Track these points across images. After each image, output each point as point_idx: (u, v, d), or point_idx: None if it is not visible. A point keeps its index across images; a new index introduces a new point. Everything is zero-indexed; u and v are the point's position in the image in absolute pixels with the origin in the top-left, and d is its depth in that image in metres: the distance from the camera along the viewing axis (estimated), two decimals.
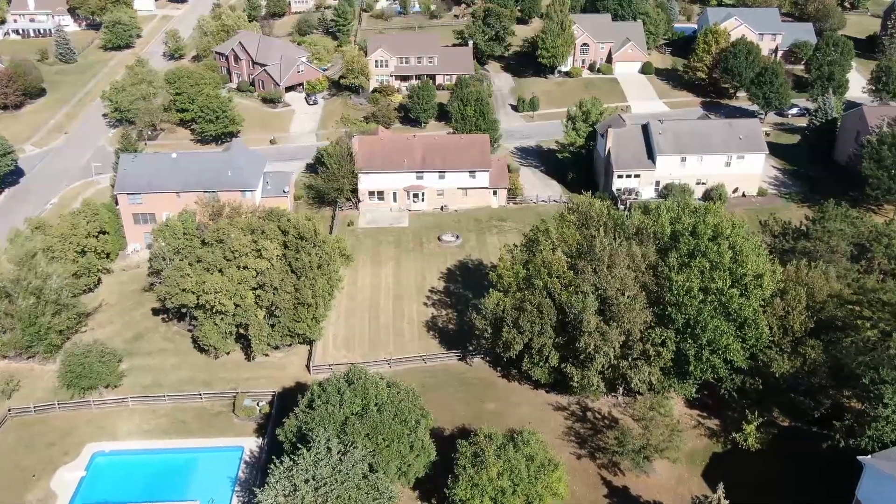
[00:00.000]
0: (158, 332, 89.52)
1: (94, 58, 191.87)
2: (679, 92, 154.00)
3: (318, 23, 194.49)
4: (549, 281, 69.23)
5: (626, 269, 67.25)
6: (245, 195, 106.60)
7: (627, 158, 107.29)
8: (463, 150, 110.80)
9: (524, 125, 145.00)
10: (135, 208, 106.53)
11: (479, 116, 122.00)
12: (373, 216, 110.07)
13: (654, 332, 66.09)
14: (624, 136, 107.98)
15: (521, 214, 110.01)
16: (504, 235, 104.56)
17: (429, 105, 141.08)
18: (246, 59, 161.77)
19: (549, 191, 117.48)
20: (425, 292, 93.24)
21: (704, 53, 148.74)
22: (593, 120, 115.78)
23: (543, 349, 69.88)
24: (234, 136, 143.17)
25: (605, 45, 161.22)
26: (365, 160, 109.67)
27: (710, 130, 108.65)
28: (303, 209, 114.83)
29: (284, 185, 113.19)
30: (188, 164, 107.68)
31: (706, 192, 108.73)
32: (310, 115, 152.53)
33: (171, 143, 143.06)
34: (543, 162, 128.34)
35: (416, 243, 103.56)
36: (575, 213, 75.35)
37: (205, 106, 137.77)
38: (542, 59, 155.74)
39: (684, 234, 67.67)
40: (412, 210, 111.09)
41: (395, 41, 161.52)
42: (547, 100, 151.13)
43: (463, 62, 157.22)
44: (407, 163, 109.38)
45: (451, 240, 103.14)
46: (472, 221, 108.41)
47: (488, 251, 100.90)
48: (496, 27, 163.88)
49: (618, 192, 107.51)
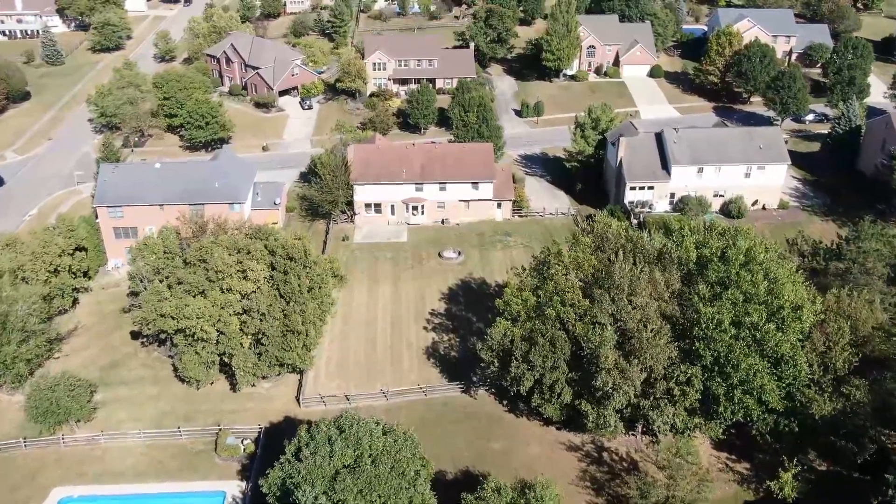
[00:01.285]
0: (137, 359, 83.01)
1: (82, 60, 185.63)
2: (690, 96, 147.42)
3: (314, 24, 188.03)
4: (562, 310, 62.72)
5: (648, 297, 60.77)
6: (233, 208, 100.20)
7: (640, 169, 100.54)
8: (465, 160, 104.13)
9: (528, 131, 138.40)
10: (115, 222, 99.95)
11: (482, 123, 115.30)
12: (369, 230, 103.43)
13: (680, 369, 59.59)
14: (637, 145, 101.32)
15: (527, 228, 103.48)
16: (509, 251, 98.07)
17: (428, 110, 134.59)
18: (238, 61, 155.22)
19: (556, 202, 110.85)
20: (425, 314, 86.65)
21: (717, 56, 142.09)
22: (603, 127, 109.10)
23: (556, 385, 63.40)
24: (224, 143, 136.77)
25: (612, 47, 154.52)
26: (361, 171, 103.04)
27: (729, 139, 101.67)
28: (295, 222, 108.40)
29: (276, 196, 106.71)
30: (172, 175, 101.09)
31: (724, 204, 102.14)
32: (304, 121, 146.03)
33: (159, 150, 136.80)
34: (549, 171, 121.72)
35: (415, 260, 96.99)
36: (590, 234, 68.50)
37: (194, 111, 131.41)
38: (547, 62, 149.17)
39: (713, 260, 61.10)
40: (411, 224, 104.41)
41: (393, 43, 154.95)
42: (552, 104, 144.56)
43: (464, 65, 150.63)
44: (405, 173, 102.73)
45: (452, 256, 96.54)
46: (474, 236, 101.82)
47: (492, 268, 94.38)
48: (498, 28, 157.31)
49: (630, 205, 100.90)
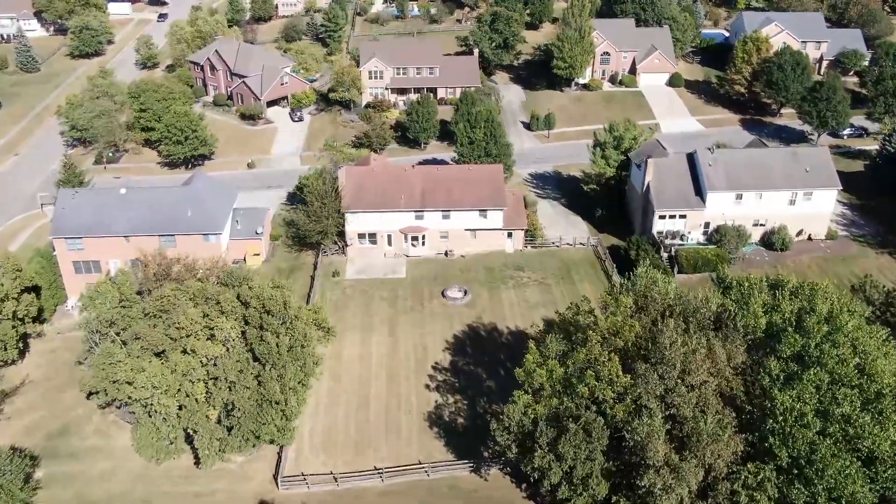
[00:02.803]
0: (91, 423, 70.95)
1: (59, 66, 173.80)
2: (713, 108, 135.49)
3: (307, 28, 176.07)
4: (597, 387, 50.87)
5: (706, 375, 48.89)
6: (208, 239, 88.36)
7: (671, 195, 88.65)
8: (472, 184, 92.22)
9: (539, 146, 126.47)
10: (75, 255, 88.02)
11: (490, 140, 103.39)
12: (363, 264, 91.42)
13: (748, 469, 47.67)
14: (666, 167, 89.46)
15: (541, 261, 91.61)
16: (522, 289, 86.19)
17: (429, 123, 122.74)
18: (223, 69, 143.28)
19: (572, 230, 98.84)
20: (427, 369, 74.69)
21: (743, 64, 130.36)
22: (626, 146, 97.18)
23: (589, 478, 51.53)
24: (207, 159, 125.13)
25: (628, 53, 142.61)
26: (353, 197, 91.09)
27: (771, 161, 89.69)
28: (280, 253, 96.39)
29: (258, 224, 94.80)
30: (140, 202, 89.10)
31: (765, 235, 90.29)
32: (294, 134, 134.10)
33: (136, 167, 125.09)
34: (564, 192, 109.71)
35: (415, 300, 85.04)
36: (629, 292, 56.42)
37: (171, 125, 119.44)
38: (558, 70, 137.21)
39: (787, 330, 49.21)
40: (410, 256, 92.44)
41: (391, 49, 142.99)
42: (563, 116, 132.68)
43: (468, 73, 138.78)
44: (404, 200, 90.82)
45: (457, 296, 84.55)
46: (482, 270, 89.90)
47: (503, 311, 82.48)
48: (505, 33, 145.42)
49: (659, 236, 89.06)
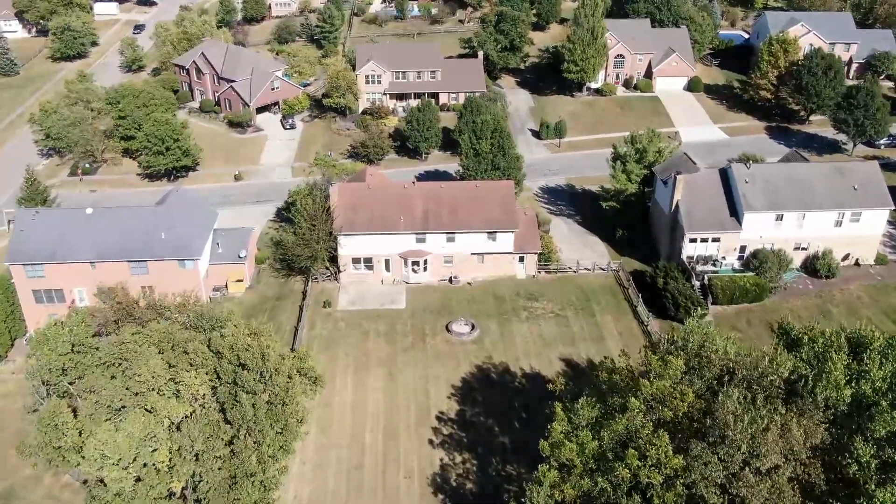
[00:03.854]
0: (42, 486, 61.47)
1: (40, 69, 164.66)
2: (736, 114, 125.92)
3: (302, 29, 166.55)
4: (640, 468, 41.29)
5: (779, 458, 39.29)
6: (184, 265, 78.83)
7: (703, 215, 79.05)
8: (479, 203, 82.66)
9: (549, 156, 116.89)
10: (35, 283, 78.63)
11: (498, 152, 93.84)
12: (358, 292, 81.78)
13: None
14: (697, 184, 79.87)
15: (557, 289, 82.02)
16: (536, 322, 76.58)
17: (431, 132, 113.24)
18: (210, 72, 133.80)
19: (589, 251, 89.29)
20: (430, 420, 65.01)
21: (769, 67, 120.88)
22: (650, 160, 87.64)
23: None
24: (190, 170, 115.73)
25: (643, 56, 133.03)
26: (347, 217, 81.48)
27: (814, 177, 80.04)
28: (267, 278, 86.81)
29: (242, 246, 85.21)
30: (108, 223, 79.53)
31: (807, 260, 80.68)
32: (285, 143, 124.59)
33: (114, 179, 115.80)
34: (579, 209, 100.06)
35: (416, 335, 75.35)
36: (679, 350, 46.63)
37: (152, 133, 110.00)
38: (569, 74, 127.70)
39: (879, 403, 39.64)
40: (411, 283, 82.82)
41: (389, 52, 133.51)
42: (575, 124, 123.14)
43: (472, 77, 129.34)
44: (404, 221, 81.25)
45: (464, 331, 74.91)
46: (491, 300, 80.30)
47: (516, 348, 72.84)
48: (511, 34, 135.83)
49: (689, 262, 79.46)
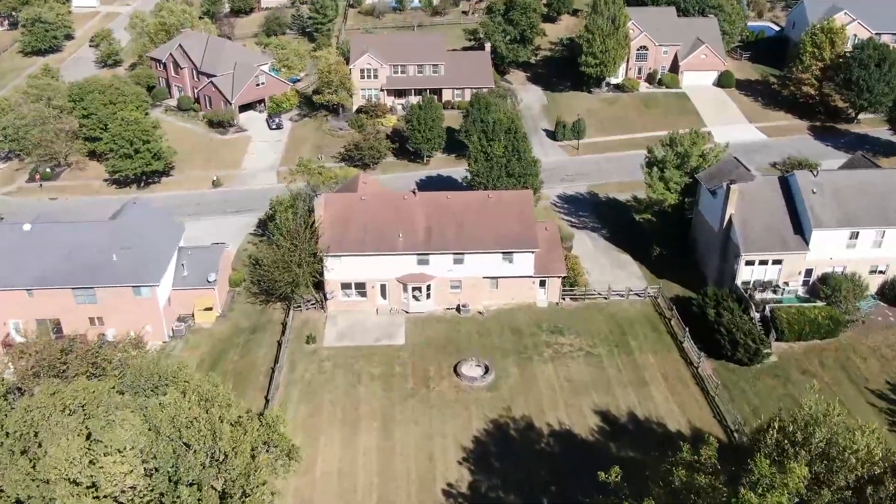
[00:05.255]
0: None
1: (9, 65, 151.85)
2: (775, 112, 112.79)
3: (293, 21, 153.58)
4: None
5: None
6: (140, 293, 65.79)
7: (762, 233, 65.84)
8: (492, 217, 69.51)
9: (567, 160, 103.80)
10: None
11: (512, 156, 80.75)
12: (348, 324, 68.52)
13: None
14: (754, 195, 66.68)
15: (585, 319, 68.83)
16: (563, 363, 63.40)
17: (434, 132, 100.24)
18: (188, 67, 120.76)
19: (621, 273, 76.07)
20: (436, 495, 51.69)
21: (813, 60, 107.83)
22: (692, 165, 74.47)
23: None
24: (164, 175, 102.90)
25: (669, 48, 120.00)
26: (336, 234, 68.28)
27: (890, 187, 67.00)
28: (241, 306, 73.62)
29: (212, 268, 72.03)
30: (50, 242, 66.47)
31: (885, 286, 67.47)
32: (271, 144, 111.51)
33: (78, 186, 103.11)
34: (604, 221, 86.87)
35: (418, 379, 62.15)
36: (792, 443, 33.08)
37: (118, 134, 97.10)
38: (587, 68, 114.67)
39: None
40: (411, 312, 69.62)
41: (386, 44, 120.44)
42: (594, 123, 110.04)
43: (479, 72, 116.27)
44: (403, 238, 68.10)
45: (476, 374, 61.74)
46: (507, 334, 67.08)
47: (541, 397, 59.58)
48: (521, 25, 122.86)
49: (746, 288, 66.27)
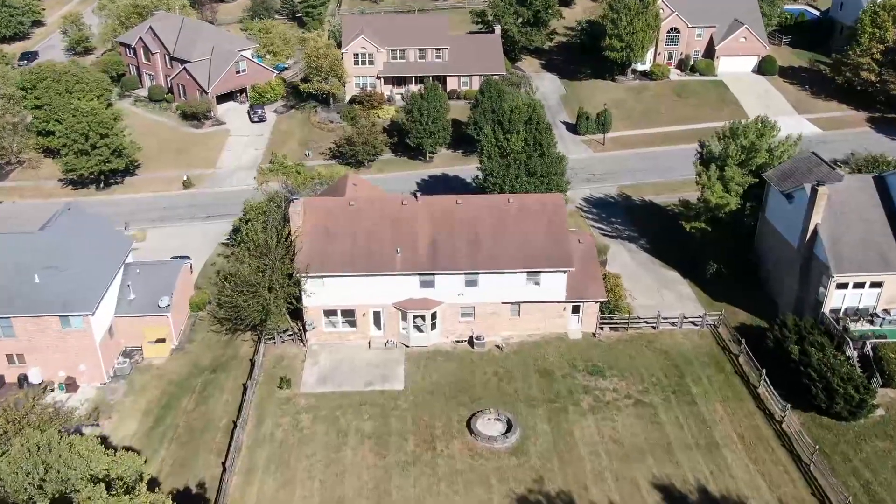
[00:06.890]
0: None
1: None
2: (826, 102, 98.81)
3: (282, 5, 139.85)
4: None
5: None
6: (69, 323, 51.91)
7: (856, 248, 51.92)
8: (513, 227, 55.54)
9: (591, 156, 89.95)
10: None
11: (534, 151, 66.79)
12: (332, 363, 54.49)
13: None
14: (843, 201, 52.80)
15: (631, 355, 54.88)
16: (606, 415, 49.44)
17: (437, 125, 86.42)
18: (160, 52, 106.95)
19: (669, 295, 62.06)
20: None
21: (873, 43, 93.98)
22: (759, 162, 60.44)
23: None
24: (128, 174, 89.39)
25: (703, 30, 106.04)
26: (318, 248, 54.30)
27: None
28: (203, 335, 59.68)
29: (165, 289, 58.03)
30: None
31: None
32: (252, 139, 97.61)
33: (30, 187, 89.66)
34: (642, 229, 72.81)
35: (421, 439, 48.16)
36: None
37: (72, 127, 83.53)
38: (611, 53, 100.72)
39: None
40: (412, 346, 55.68)
41: (384, 25, 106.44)
42: (621, 115, 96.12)
43: (488, 57, 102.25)
44: (402, 254, 54.14)
45: (495, 432, 47.79)
46: (533, 375, 53.15)
47: (581, 464, 45.63)
48: (536, 5, 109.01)
49: (836, 318, 52.35)
